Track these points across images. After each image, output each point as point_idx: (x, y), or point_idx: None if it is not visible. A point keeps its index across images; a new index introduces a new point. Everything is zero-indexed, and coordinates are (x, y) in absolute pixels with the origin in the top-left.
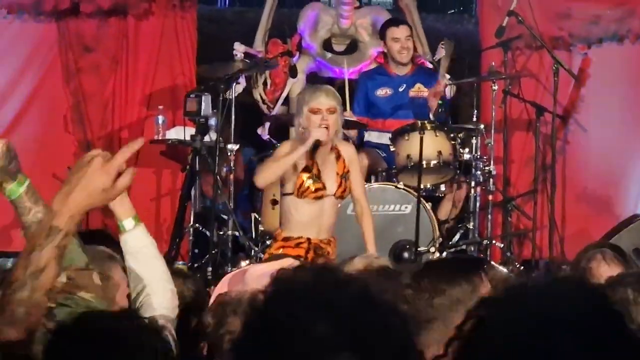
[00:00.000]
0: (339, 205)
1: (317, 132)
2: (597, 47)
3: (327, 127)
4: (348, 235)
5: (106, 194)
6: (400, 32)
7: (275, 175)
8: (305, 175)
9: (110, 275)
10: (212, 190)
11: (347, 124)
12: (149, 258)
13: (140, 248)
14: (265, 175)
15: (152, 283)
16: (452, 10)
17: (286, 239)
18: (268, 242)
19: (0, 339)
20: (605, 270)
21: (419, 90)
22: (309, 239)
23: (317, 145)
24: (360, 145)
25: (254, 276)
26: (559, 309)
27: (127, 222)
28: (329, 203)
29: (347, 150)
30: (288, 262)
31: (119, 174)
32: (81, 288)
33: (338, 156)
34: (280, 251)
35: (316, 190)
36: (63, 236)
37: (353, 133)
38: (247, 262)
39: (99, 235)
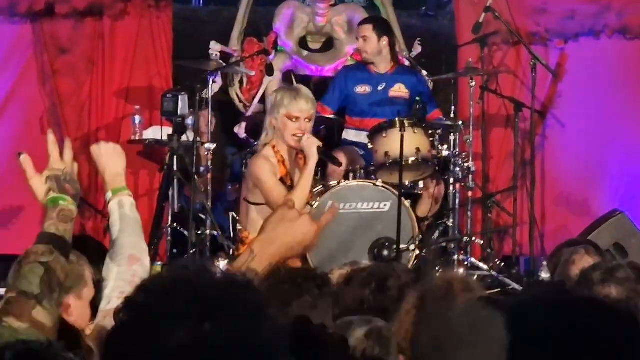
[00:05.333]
0: (309, 211)
1: (310, 141)
2: (573, 42)
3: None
4: (327, 232)
5: (301, 251)
6: (358, 31)
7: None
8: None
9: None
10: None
11: (326, 121)
12: (117, 231)
13: (115, 220)
14: (301, 204)
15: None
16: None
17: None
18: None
19: None
20: (588, 263)
21: (400, 90)
22: None
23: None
24: (337, 143)
25: None
26: None
27: (108, 195)
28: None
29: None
30: None
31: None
32: (14, 315)
33: (305, 164)
34: None
35: None
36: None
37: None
38: (226, 261)
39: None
